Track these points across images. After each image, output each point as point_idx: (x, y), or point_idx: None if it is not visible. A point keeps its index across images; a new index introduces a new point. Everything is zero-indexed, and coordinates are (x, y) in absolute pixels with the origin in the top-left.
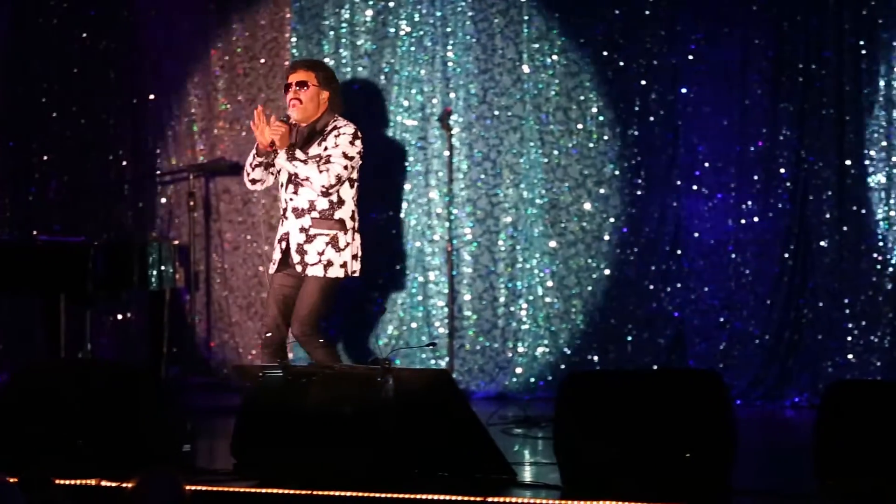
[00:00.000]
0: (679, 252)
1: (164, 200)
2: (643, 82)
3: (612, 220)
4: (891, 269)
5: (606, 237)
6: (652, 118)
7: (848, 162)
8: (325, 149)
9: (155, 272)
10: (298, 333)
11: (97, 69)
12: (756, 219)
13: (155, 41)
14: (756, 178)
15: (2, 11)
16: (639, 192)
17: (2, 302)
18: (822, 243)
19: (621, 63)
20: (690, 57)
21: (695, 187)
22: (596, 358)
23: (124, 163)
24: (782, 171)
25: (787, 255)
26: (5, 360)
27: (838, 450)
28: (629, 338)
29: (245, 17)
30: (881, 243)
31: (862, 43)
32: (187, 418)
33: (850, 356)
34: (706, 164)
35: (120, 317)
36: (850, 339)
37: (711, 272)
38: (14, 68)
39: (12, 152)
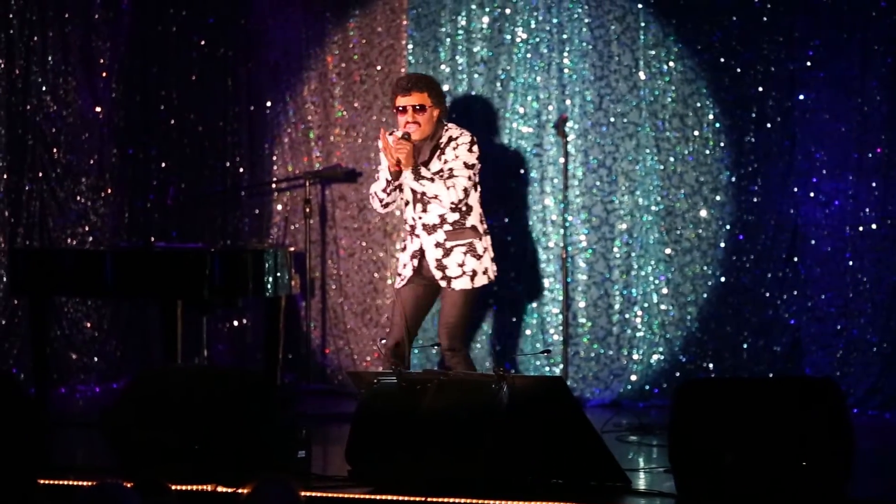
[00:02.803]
0: (795, 259)
1: (280, 207)
2: (760, 89)
3: (727, 227)
4: None
5: (722, 244)
6: (769, 125)
7: None
8: (446, 162)
9: (271, 279)
10: (448, 345)
11: (215, 77)
12: (874, 226)
13: (272, 49)
14: (874, 184)
15: (121, 20)
16: (755, 200)
17: (120, 308)
18: None
19: (738, 69)
20: (808, 63)
21: (812, 194)
22: (711, 365)
23: (241, 170)
24: None
25: None
26: (123, 366)
27: None
28: (745, 345)
29: (361, 25)
30: None
31: None
32: (302, 425)
33: None
34: (824, 171)
35: (236, 323)
36: None
37: (828, 279)
38: (133, 76)
39: (131, 159)
